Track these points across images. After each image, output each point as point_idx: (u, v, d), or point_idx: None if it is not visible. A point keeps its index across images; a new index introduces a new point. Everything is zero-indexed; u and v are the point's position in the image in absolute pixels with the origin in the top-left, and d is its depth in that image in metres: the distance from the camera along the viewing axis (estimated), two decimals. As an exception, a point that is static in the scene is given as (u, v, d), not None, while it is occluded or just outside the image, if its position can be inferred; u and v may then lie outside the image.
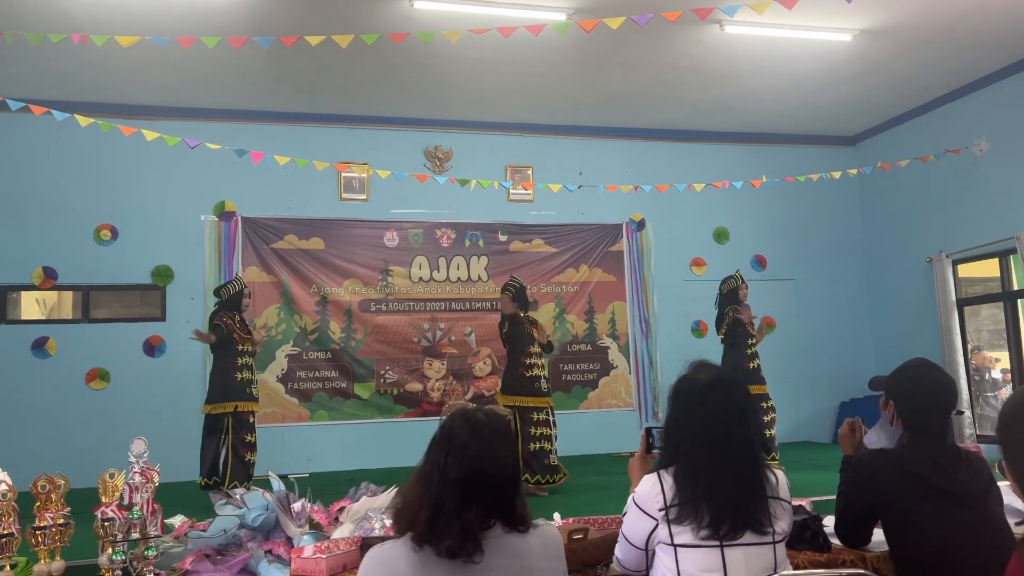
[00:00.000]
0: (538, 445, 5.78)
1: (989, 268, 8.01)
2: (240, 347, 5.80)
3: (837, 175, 7.40)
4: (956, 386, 2.55)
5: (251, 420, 5.81)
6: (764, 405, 6.36)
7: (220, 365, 5.81)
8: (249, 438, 5.74)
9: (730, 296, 6.69)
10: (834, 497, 2.59)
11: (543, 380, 6.01)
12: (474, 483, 1.72)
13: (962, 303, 8.12)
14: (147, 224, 7.62)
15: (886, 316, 9.11)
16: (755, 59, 7.16)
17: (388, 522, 3.17)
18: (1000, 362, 8.07)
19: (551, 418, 5.95)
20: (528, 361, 6.01)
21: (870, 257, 9.38)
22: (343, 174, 8.12)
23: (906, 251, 8.74)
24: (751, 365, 6.49)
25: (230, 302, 5.96)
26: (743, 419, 2.10)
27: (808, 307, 9.17)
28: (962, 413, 7.46)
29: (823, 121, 8.93)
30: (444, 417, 1.95)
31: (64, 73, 6.91)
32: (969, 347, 8.11)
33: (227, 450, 5.62)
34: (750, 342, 6.55)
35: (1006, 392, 8.06)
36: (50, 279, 7.38)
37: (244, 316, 6.01)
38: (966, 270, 8.26)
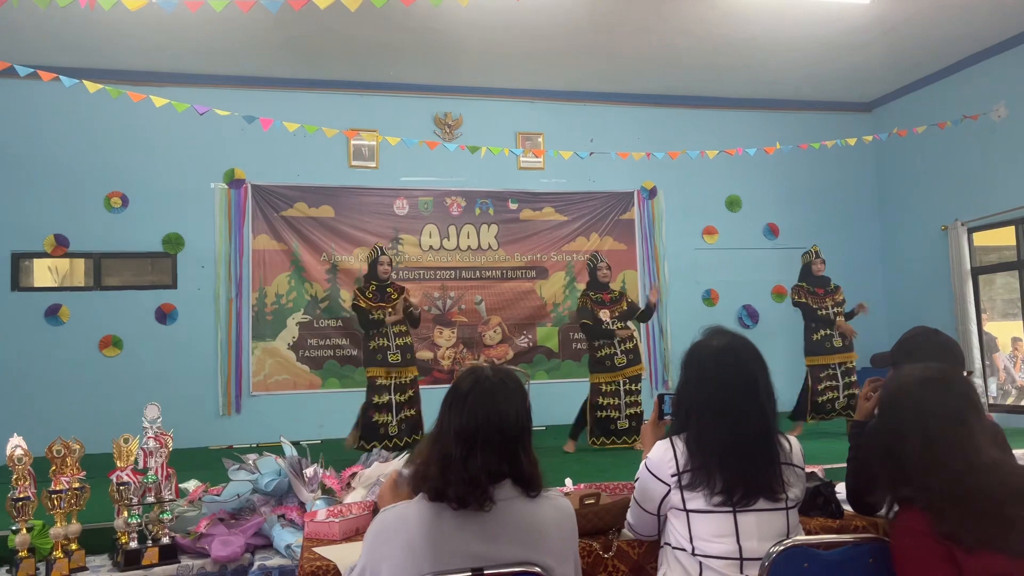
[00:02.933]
0: (604, 414, 6.24)
1: (1005, 236, 7.92)
2: (373, 316, 5.95)
3: (852, 142, 7.29)
4: (960, 348, 2.54)
5: (380, 383, 5.95)
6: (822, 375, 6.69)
7: (364, 334, 6.17)
8: (377, 399, 5.92)
9: (804, 271, 6.95)
10: (844, 465, 2.59)
11: (616, 356, 6.28)
12: (476, 432, 1.75)
13: (977, 271, 8.05)
14: (157, 192, 7.61)
15: (899, 285, 9.05)
16: (769, 23, 7.03)
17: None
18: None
19: (621, 388, 6.26)
20: (597, 343, 6.35)
21: (885, 225, 9.29)
22: (352, 141, 8.07)
23: (921, 219, 8.65)
24: (814, 337, 6.77)
25: (370, 270, 6.23)
26: (754, 386, 2.09)
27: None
28: (971, 373, 7.44)
29: (839, 87, 8.79)
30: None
31: (72, 39, 6.86)
32: (983, 316, 8.05)
33: (360, 412, 5.99)
34: (820, 314, 6.72)
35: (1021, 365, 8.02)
36: (62, 247, 7.41)
37: (384, 282, 6.13)
38: (981, 238, 8.17)
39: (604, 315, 6.29)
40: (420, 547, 1.68)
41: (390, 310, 5.96)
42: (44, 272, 7.59)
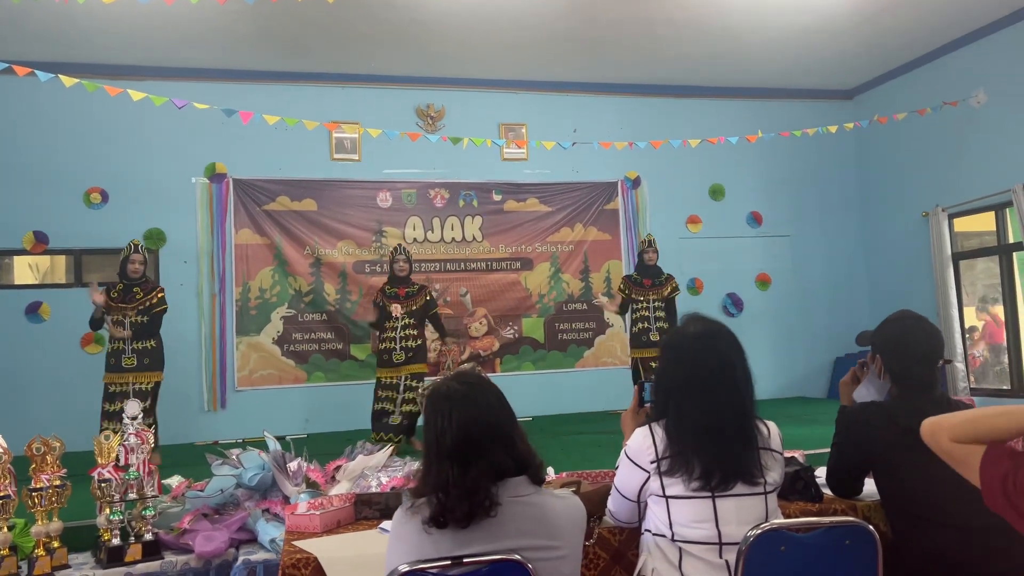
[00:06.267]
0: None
1: (985, 222, 7.98)
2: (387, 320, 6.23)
3: (834, 129, 7.32)
4: (942, 336, 2.56)
5: (387, 380, 6.16)
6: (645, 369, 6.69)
7: None
8: (382, 393, 6.17)
9: (638, 261, 7.19)
10: (826, 450, 2.61)
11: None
12: (469, 442, 1.77)
13: (957, 257, 8.12)
14: (137, 187, 7.55)
15: (881, 271, 9.11)
16: (751, 11, 7.04)
17: (384, 480, 3.19)
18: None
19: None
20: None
21: (866, 212, 9.35)
22: (334, 134, 8.03)
23: (902, 205, 8.71)
24: (633, 329, 6.90)
25: (390, 270, 6.44)
26: (731, 371, 2.11)
27: (803, 263, 9.17)
28: (950, 362, 7.52)
29: (820, 75, 8.82)
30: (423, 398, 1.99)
31: (47, 32, 6.78)
32: (964, 301, 8.12)
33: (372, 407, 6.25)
34: (636, 307, 6.87)
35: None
36: (41, 243, 7.34)
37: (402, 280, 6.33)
38: (962, 224, 8.23)
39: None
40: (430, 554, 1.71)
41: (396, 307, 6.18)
42: (24, 269, 7.52)
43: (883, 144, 8.96)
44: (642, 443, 2.11)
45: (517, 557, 1.69)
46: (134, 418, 3.31)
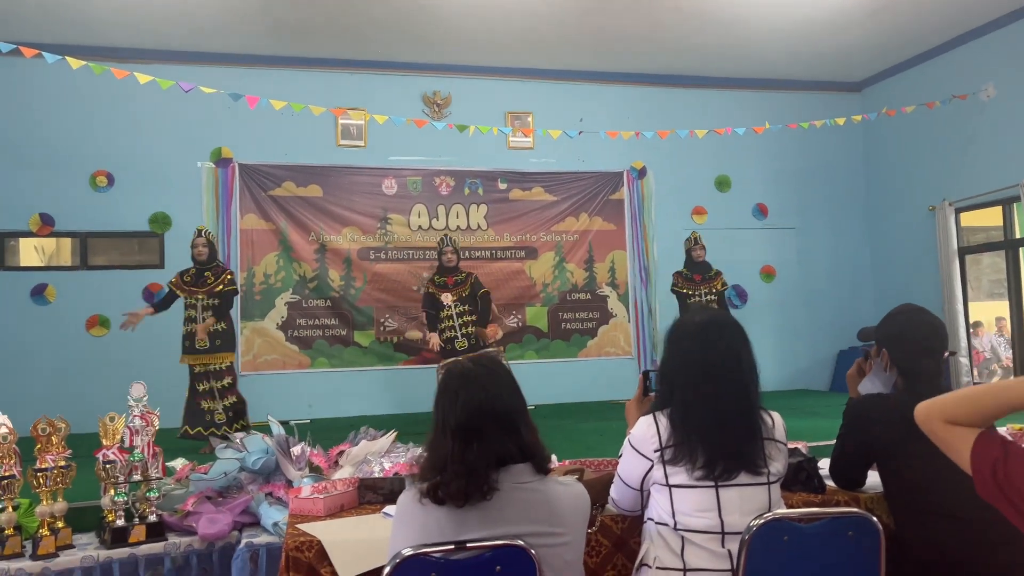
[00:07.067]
0: None
1: (991, 217, 7.95)
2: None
3: (841, 122, 7.30)
4: (945, 328, 2.55)
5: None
6: None
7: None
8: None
9: (686, 258, 7.24)
10: (828, 443, 2.61)
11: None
12: (475, 424, 1.77)
13: (963, 251, 8.09)
14: (143, 171, 7.55)
15: (887, 265, 9.09)
16: (760, 1, 7.00)
17: (387, 465, 3.20)
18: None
19: None
20: None
21: (872, 205, 9.32)
22: (340, 120, 8.02)
23: (909, 199, 8.68)
24: None
25: (439, 262, 6.67)
26: (736, 361, 2.10)
27: (808, 256, 9.15)
28: (954, 354, 7.51)
29: (828, 66, 8.77)
30: (439, 373, 2.01)
31: (54, 14, 6.76)
32: (969, 296, 8.10)
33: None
34: (690, 302, 6.94)
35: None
36: (47, 225, 7.35)
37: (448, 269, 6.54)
38: (968, 219, 8.20)
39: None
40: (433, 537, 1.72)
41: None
42: (30, 251, 7.54)
43: (891, 137, 8.92)
44: (646, 431, 2.11)
45: (520, 543, 1.69)
46: (139, 399, 3.32)
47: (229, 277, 5.89)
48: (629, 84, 8.76)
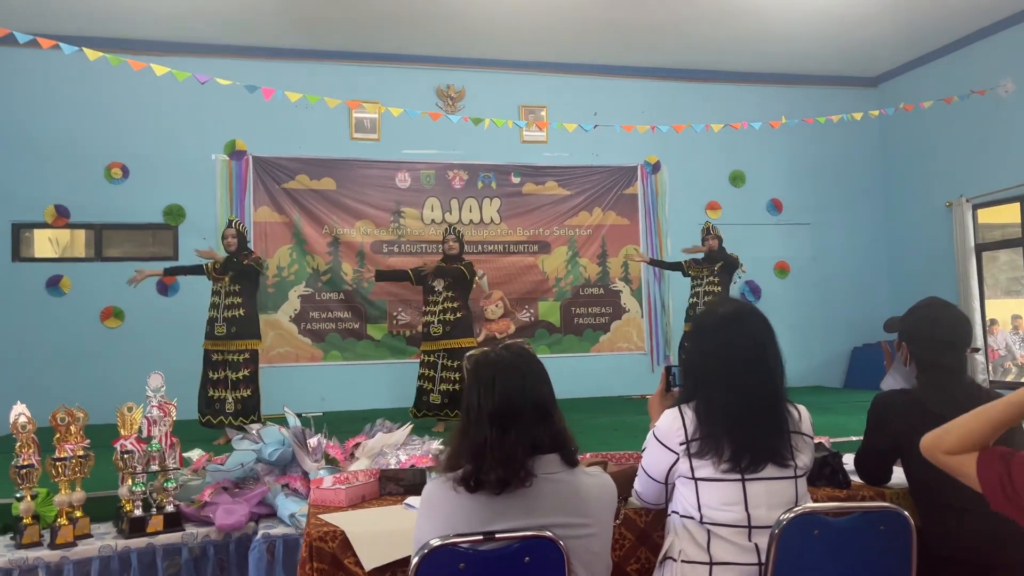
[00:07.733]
0: None
1: (1009, 213, 7.88)
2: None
3: (858, 117, 7.23)
4: (970, 323, 2.52)
5: (426, 358, 6.15)
6: None
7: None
8: (423, 371, 6.17)
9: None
10: (845, 439, 2.58)
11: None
12: (511, 411, 1.77)
13: (980, 248, 8.02)
14: (158, 163, 7.56)
15: (903, 261, 9.02)
16: (777, -5, 6.95)
17: (403, 458, 3.19)
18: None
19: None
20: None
21: (889, 201, 9.25)
22: (354, 113, 8.01)
23: (926, 195, 8.61)
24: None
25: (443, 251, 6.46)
26: (762, 352, 2.07)
27: (824, 251, 9.09)
28: (978, 350, 7.44)
29: (844, 61, 8.71)
30: (467, 363, 2.00)
31: (72, 6, 6.78)
32: (985, 293, 8.03)
33: None
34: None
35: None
36: (63, 217, 7.37)
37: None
38: (986, 215, 8.13)
39: None
40: (460, 526, 1.71)
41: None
42: (45, 243, 7.56)
43: (907, 132, 8.84)
44: (671, 424, 2.09)
45: (549, 534, 1.68)
46: (156, 390, 3.32)
47: (254, 257, 5.85)
48: (644, 78, 8.72)
